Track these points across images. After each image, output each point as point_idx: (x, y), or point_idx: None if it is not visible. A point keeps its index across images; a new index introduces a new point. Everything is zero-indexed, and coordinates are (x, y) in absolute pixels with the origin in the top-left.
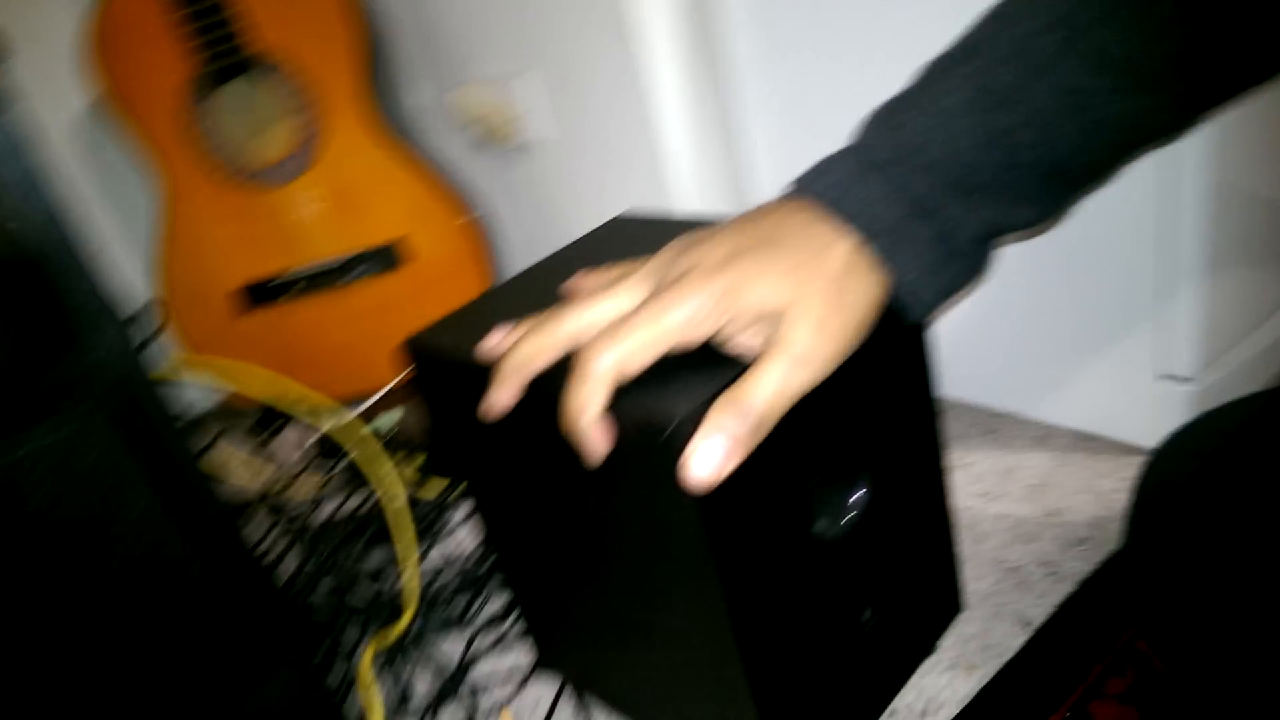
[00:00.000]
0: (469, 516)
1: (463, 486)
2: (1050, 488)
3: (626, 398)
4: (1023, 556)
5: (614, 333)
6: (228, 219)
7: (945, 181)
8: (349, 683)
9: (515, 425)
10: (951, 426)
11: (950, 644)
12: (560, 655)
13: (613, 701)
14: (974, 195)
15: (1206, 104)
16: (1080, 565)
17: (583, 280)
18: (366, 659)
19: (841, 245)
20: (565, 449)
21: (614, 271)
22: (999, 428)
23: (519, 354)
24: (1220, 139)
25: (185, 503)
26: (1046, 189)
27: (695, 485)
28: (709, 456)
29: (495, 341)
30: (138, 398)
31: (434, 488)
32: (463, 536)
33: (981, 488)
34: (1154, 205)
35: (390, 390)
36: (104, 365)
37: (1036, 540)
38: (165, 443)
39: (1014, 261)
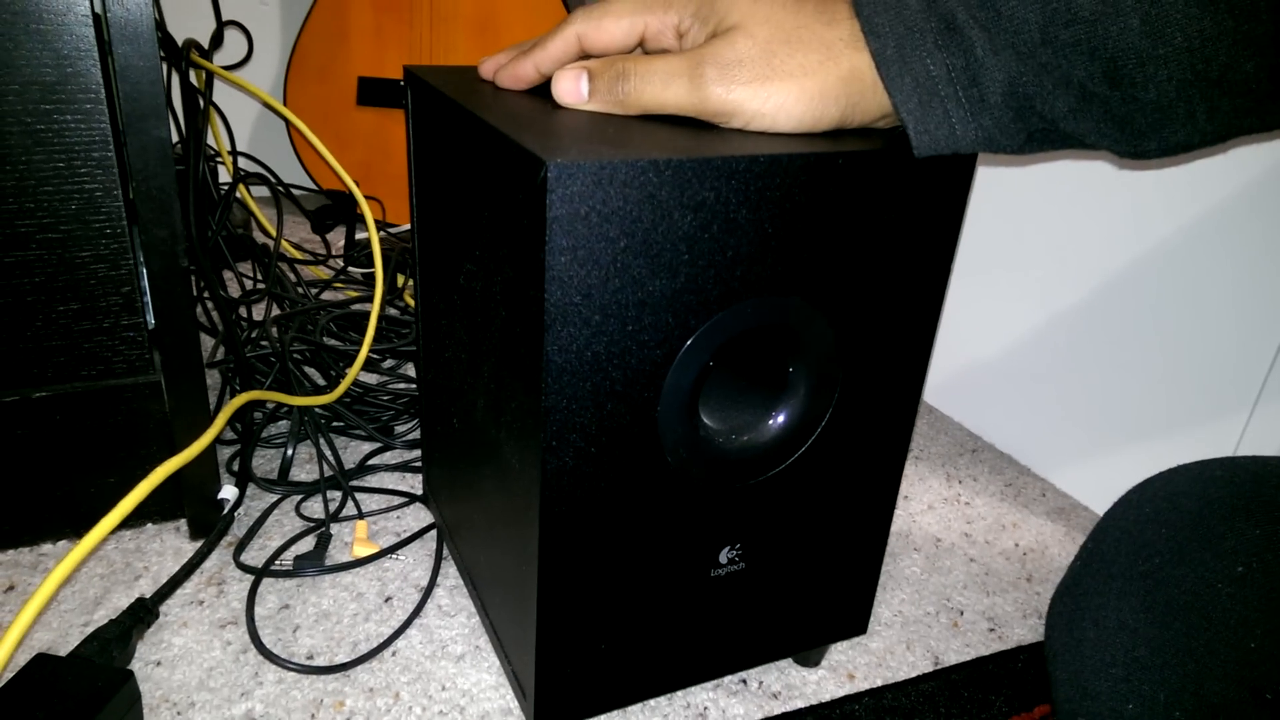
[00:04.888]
0: None
1: None
2: (1042, 556)
3: (538, 140)
4: (973, 604)
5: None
6: (379, 7)
7: (982, 14)
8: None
9: (453, 171)
10: (970, 466)
11: (843, 649)
12: (436, 491)
13: (463, 561)
14: (1006, 43)
15: None
16: (1029, 636)
17: None
18: (236, 400)
19: (844, 26)
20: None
21: None
22: (1022, 486)
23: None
24: None
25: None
26: (1090, 81)
27: (555, 97)
28: (567, 85)
29: (499, 59)
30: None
31: None
32: None
33: (969, 529)
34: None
35: None
36: None
37: (996, 595)
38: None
39: (1107, 327)
